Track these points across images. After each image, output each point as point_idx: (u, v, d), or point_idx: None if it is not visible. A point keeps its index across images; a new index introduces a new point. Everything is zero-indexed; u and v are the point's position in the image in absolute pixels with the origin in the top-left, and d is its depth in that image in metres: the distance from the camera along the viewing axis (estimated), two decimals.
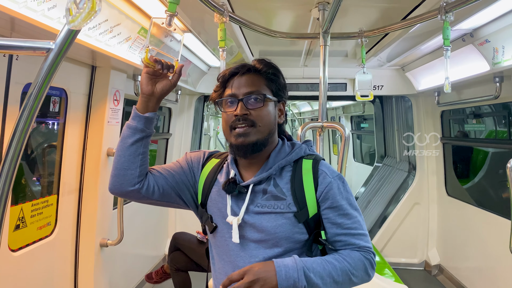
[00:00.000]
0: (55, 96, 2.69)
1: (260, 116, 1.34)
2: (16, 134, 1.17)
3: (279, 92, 1.43)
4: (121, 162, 1.37)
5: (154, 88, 1.35)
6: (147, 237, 4.47)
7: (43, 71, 1.14)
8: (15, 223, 2.35)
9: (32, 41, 1.14)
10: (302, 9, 2.71)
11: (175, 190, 1.45)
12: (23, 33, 1.96)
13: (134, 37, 2.68)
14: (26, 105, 1.16)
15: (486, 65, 3.00)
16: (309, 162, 1.40)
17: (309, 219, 1.33)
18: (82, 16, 0.80)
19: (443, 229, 4.86)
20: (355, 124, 8.85)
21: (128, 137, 1.36)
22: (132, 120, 1.37)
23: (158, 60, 1.32)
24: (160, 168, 1.48)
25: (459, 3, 1.85)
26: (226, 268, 1.38)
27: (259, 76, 1.40)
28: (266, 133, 1.36)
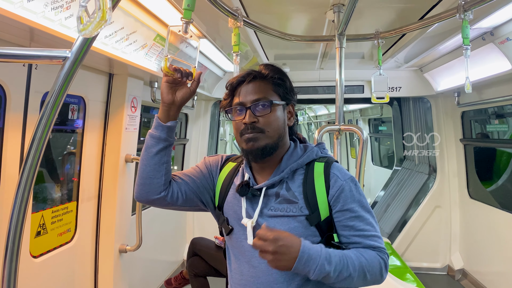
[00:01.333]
0: (73, 104, 2.73)
1: (268, 122, 1.36)
2: (35, 141, 1.18)
3: (286, 95, 1.44)
4: (147, 171, 1.40)
5: (175, 96, 1.38)
6: (166, 243, 4.49)
7: (60, 79, 1.16)
8: (36, 230, 2.39)
9: (48, 50, 1.16)
10: (317, 12, 2.70)
11: (196, 195, 1.48)
12: (42, 42, 2.00)
13: (150, 44, 2.70)
14: (44, 113, 1.18)
15: (507, 64, 2.93)
16: (321, 165, 1.40)
17: (321, 222, 1.34)
18: (93, 25, 0.80)
19: (466, 232, 4.74)
20: (373, 127, 8.74)
21: (152, 146, 1.39)
22: (155, 129, 1.40)
23: (178, 69, 1.35)
24: (182, 174, 1.50)
25: (478, 1, 1.81)
26: (242, 267, 1.41)
27: (265, 82, 1.41)
28: (276, 138, 1.37)
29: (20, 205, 1.21)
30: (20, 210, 1.21)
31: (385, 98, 2.90)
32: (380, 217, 5.63)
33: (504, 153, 4.42)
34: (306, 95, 5.03)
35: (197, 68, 1.43)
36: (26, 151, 2.13)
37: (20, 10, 1.59)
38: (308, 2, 2.55)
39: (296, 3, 2.57)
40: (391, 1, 2.53)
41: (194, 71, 1.40)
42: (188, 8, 1.44)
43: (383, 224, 5.48)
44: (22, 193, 1.21)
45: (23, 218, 1.23)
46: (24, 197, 1.21)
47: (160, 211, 4.25)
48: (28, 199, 1.22)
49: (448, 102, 4.88)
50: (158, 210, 4.16)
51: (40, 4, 1.66)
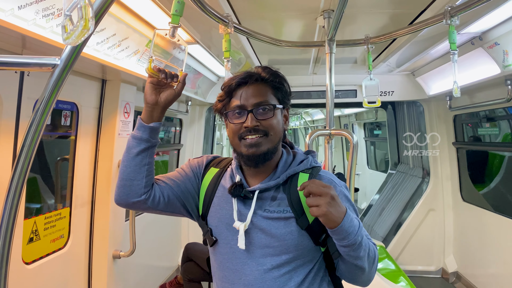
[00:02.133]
0: (66, 110, 2.74)
1: (271, 125, 1.34)
2: (25, 147, 1.19)
3: (284, 99, 1.43)
4: (127, 172, 1.36)
5: (158, 97, 1.35)
6: (160, 248, 4.48)
7: (49, 86, 1.17)
8: (28, 236, 2.39)
9: (38, 57, 1.17)
10: (307, 18, 2.72)
11: (180, 200, 1.44)
12: (34, 49, 2.01)
13: (143, 50, 2.72)
14: (33, 119, 1.19)
15: (496, 68, 2.97)
16: (305, 176, 1.39)
17: (311, 224, 1.31)
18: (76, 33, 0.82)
19: (460, 235, 4.77)
20: (368, 131, 8.77)
21: (133, 147, 1.36)
22: (137, 130, 1.37)
23: (162, 70, 1.33)
24: (165, 177, 1.47)
25: (464, 7, 1.84)
26: (231, 276, 1.35)
27: (265, 85, 1.39)
28: (276, 141, 1.37)
29: (10, 211, 1.21)
30: (10, 216, 1.22)
31: (376, 102, 2.93)
32: (375, 221, 5.65)
33: (496, 156, 4.46)
34: (299, 100, 5.05)
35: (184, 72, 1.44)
36: None
37: (11, 17, 1.60)
38: (299, 8, 2.57)
39: (287, 9, 2.60)
40: (381, 6, 2.56)
41: (181, 73, 1.40)
42: (176, 13, 1.45)
43: (377, 227, 5.50)
44: (12, 198, 1.21)
45: (13, 224, 1.23)
46: (14, 203, 1.22)
47: (155, 217, 4.24)
48: (18, 205, 1.23)
49: (440, 106, 4.92)
50: (152, 215, 4.16)
51: (31, 12, 1.67)
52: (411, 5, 2.49)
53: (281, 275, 1.29)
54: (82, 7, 0.78)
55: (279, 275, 1.29)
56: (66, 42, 0.83)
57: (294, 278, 1.30)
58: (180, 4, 1.45)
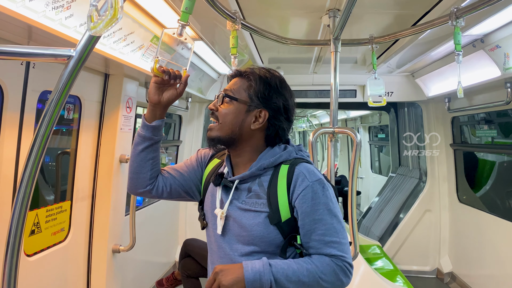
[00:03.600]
0: (69, 104, 2.73)
1: (222, 113, 1.43)
2: (37, 139, 1.20)
3: (258, 99, 1.42)
4: (134, 167, 1.51)
5: (161, 97, 1.45)
6: (158, 244, 4.48)
7: (63, 78, 1.18)
8: (30, 229, 2.39)
9: (53, 48, 1.17)
10: (312, 16, 2.74)
11: (182, 188, 1.58)
12: (40, 41, 2.01)
13: (147, 45, 2.72)
14: (47, 111, 1.19)
15: (497, 71, 3.00)
16: (285, 167, 1.41)
17: (282, 223, 1.35)
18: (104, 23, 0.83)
19: (455, 236, 4.82)
20: (373, 134, 8.75)
21: (138, 144, 1.49)
22: (141, 128, 1.48)
23: (166, 71, 1.40)
24: (170, 168, 1.60)
25: (470, 9, 1.86)
26: (212, 257, 1.50)
27: (243, 80, 1.46)
28: (228, 133, 1.42)
29: (21, 204, 1.22)
30: (22, 209, 1.22)
31: (382, 101, 2.94)
32: (373, 222, 5.69)
33: (493, 158, 4.50)
34: (299, 99, 5.07)
35: (188, 71, 1.46)
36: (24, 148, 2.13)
37: (22, 9, 1.60)
38: (304, 7, 2.59)
39: (292, 7, 2.61)
40: (385, 7, 2.58)
41: (185, 73, 1.44)
42: (186, 11, 1.46)
43: (374, 228, 5.54)
44: (24, 191, 1.22)
45: (24, 217, 1.24)
46: (26, 195, 1.22)
47: (153, 212, 4.25)
48: (29, 198, 1.24)
49: (439, 107, 4.95)
50: (151, 211, 4.17)
51: (41, 4, 1.67)
52: (416, 6, 2.51)
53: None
54: None
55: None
56: (92, 32, 0.84)
57: None
58: (191, 2, 1.46)
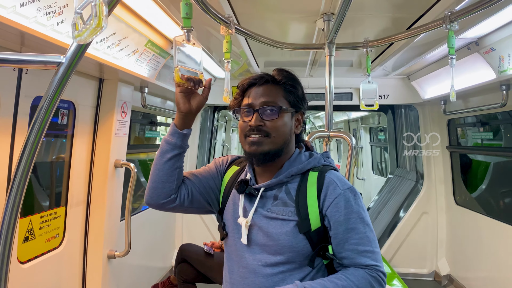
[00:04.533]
0: (63, 109, 2.72)
1: (274, 127, 1.37)
2: (28, 146, 1.18)
3: (296, 103, 1.45)
4: (160, 175, 1.43)
5: (190, 105, 1.42)
6: (154, 249, 4.46)
7: (53, 84, 1.16)
8: (24, 235, 2.37)
9: (42, 55, 1.16)
10: (307, 20, 2.74)
11: (203, 195, 1.52)
12: (33, 47, 2.00)
13: (141, 50, 2.71)
14: (37, 117, 1.18)
15: (492, 73, 3.00)
16: (315, 174, 1.40)
17: (312, 232, 1.32)
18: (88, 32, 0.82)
19: (452, 238, 4.81)
20: (374, 136, 8.73)
21: (167, 152, 1.43)
22: (171, 136, 1.43)
23: (190, 78, 1.38)
24: (190, 174, 1.54)
25: (464, 12, 1.86)
26: (233, 266, 1.43)
27: (277, 87, 1.43)
28: (281, 144, 1.39)
29: (11, 210, 1.20)
30: (12, 216, 1.21)
31: (374, 105, 2.94)
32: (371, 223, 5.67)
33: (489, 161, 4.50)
34: None
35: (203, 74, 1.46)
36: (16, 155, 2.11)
37: (12, 15, 1.59)
38: (298, 11, 2.59)
39: (286, 11, 2.61)
40: (380, 10, 2.58)
41: (202, 77, 1.44)
42: (187, 16, 1.47)
43: None
44: (14, 198, 1.20)
45: (14, 224, 1.22)
46: (16, 202, 1.21)
47: (149, 217, 4.22)
48: (19, 204, 1.22)
49: (435, 110, 4.96)
50: (147, 215, 4.15)
51: (32, 9, 1.66)
52: (410, 9, 2.51)
53: (274, 274, 1.33)
54: (96, 5, 0.78)
55: (272, 274, 1.33)
56: (76, 40, 0.82)
57: (288, 280, 1.31)
58: (189, 7, 1.47)
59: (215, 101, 4.78)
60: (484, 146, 4.45)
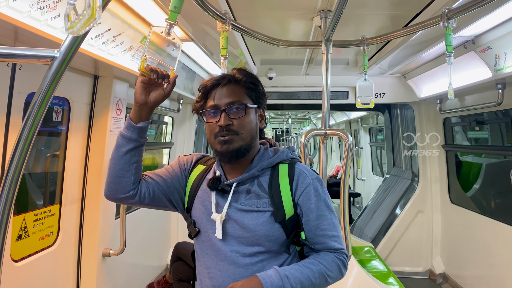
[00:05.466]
0: (58, 106, 2.69)
1: (242, 124, 1.41)
2: (20, 142, 1.16)
3: (258, 99, 1.50)
4: (116, 170, 1.41)
5: (148, 97, 1.38)
6: (150, 247, 4.44)
7: (47, 79, 1.14)
8: (17, 233, 2.34)
9: (36, 49, 1.14)
10: (304, 17, 2.73)
11: (166, 195, 1.52)
12: (26, 42, 1.97)
13: (137, 46, 2.69)
14: (30, 113, 1.15)
15: (488, 72, 3.00)
16: (285, 166, 1.47)
17: (286, 220, 1.40)
18: (81, 23, 0.80)
19: (447, 237, 4.83)
20: (373, 136, 8.73)
21: (122, 146, 1.40)
22: (126, 129, 1.40)
23: (154, 69, 1.35)
24: (153, 173, 1.54)
25: (461, 10, 1.86)
26: (209, 261, 1.45)
27: (239, 86, 1.46)
28: (249, 139, 1.43)
29: (3, 208, 1.18)
30: (4, 213, 1.19)
31: (370, 103, 2.94)
32: (366, 223, 5.69)
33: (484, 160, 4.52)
34: (291, 100, 5.05)
35: (179, 71, 1.43)
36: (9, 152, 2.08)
37: (5, 9, 1.56)
38: (295, 8, 2.58)
39: (284, 8, 2.60)
40: (377, 8, 2.57)
41: (172, 73, 1.40)
42: (175, 10, 1.42)
43: (367, 229, 5.53)
44: (6, 195, 1.18)
45: (6, 221, 1.20)
46: (8, 199, 1.19)
47: (145, 215, 4.20)
48: (12, 201, 1.20)
49: (431, 108, 4.97)
50: (142, 214, 4.12)
51: (26, 4, 1.64)
52: (407, 7, 2.51)
53: (253, 264, 1.38)
54: None
55: (251, 263, 1.38)
56: (69, 32, 0.80)
57: (267, 268, 1.36)
58: (180, 1, 1.43)
59: None
60: (479, 145, 4.47)
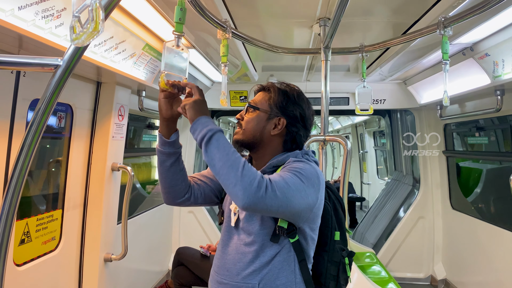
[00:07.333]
0: (61, 112, 2.73)
1: (246, 122, 1.59)
2: (24, 148, 1.19)
3: (277, 108, 1.59)
4: (168, 181, 1.57)
5: (172, 110, 1.52)
6: (151, 252, 4.46)
7: (51, 87, 1.18)
8: (20, 238, 2.37)
9: (40, 58, 1.18)
10: (303, 25, 2.76)
11: (213, 192, 1.70)
12: (31, 50, 2.01)
13: (139, 54, 2.73)
14: (34, 120, 1.19)
15: (486, 79, 3.03)
16: None
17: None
18: (86, 35, 0.84)
19: (449, 243, 4.82)
20: (378, 140, 8.73)
21: (165, 161, 1.55)
22: (163, 146, 1.54)
23: (175, 84, 1.47)
24: (200, 175, 1.72)
25: (457, 18, 1.88)
26: (221, 246, 1.60)
27: (264, 92, 1.65)
28: (250, 137, 1.57)
29: (8, 213, 1.21)
30: (8, 218, 1.22)
31: (369, 110, 2.96)
32: (367, 228, 5.69)
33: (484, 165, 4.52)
34: None
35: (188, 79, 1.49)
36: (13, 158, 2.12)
37: (11, 18, 1.60)
38: (295, 16, 2.61)
39: (283, 16, 2.63)
40: (376, 16, 2.61)
41: (185, 82, 1.49)
42: (180, 21, 1.48)
43: (369, 234, 5.54)
44: (10, 200, 1.21)
45: (10, 226, 1.23)
46: (12, 204, 1.22)
47: (146, 220, 4.23)
48: (16, 206, 1.23)
49: (431, 114, 4.99)
50: (144, 219, 4.15)
51: (31, 13, 1.68)
52: (406, 15, 2.54)
53: (250, 252, 1.48)
54: (93, 9, 0.80)
55: (249, 251, 1.48)
56: (74, 43, 0.84)
57: (261, 257, 1.47)
58: (183, 12, 1.48)
59: (213, 105, 4.79)
60: (480, 151, 4.48)
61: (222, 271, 1.54)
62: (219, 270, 1.56)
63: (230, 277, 1.50)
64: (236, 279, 1.48)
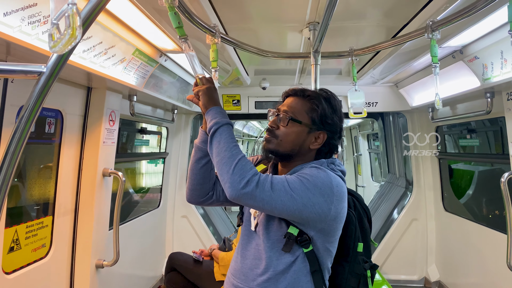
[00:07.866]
0: (50, 118, 2.71)
1: (282, 132, 1.54)
2: (8, 155, 1.18)
3: (317, 122, 1.55)
4: (198, 179, 1.59)
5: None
6: (144, 258, 4.43)
7: (34, 93, 1.17)
8: (9, 245, 2.34)
9: (24, 64, 1.17)
10: (293, 29, 2.77)
11: None
12: (19, 56, 2.00)
13: (129, 59, 2.72)
14: (17, 127, 1.18)
15: (476, 81, 3.05)
16: None
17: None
18: (63, 42, 0.83)
19: (442, 245, 4.84)
20: (371, 142, 8.74)
21: (202, 158, 1.57)
22: (203, 143, 1.56)
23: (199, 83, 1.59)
24: None
25: (445, 22, 1.90)
26: (239, 249, 1.61)
27: (303, 100, 1.58)
28: (288, 149, 1.54)
29: None
30: None
31: (362, 113, 2.96)
32: None
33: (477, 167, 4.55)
34: None
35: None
36: None
37: None
38: (284, 20, 2.61)
39: (273, 21, 2.64)
40: (366, 19, 2.62)
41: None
42: (179, 25, 1.52)
43: None
44: None
45: None
46: None
47: (139, 226, 4.20)
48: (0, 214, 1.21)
49: (423, 117, 5.01)
50: (136, 224, 4.12)
51: (16, 19, 1.67)
52: (395, 18, 2.55)
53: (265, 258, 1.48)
54: (69, 15, 0.79)
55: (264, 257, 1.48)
56: (52, 51, 0.83)
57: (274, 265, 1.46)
58: (178, 16, 1.52)
59: None
60: (472, 153, 4.50)
61: (238, 275, 1.54)
62: (236, 273, 1.55)
63: (246, 282, 1.50)
64: (252, 285, 1.48)
